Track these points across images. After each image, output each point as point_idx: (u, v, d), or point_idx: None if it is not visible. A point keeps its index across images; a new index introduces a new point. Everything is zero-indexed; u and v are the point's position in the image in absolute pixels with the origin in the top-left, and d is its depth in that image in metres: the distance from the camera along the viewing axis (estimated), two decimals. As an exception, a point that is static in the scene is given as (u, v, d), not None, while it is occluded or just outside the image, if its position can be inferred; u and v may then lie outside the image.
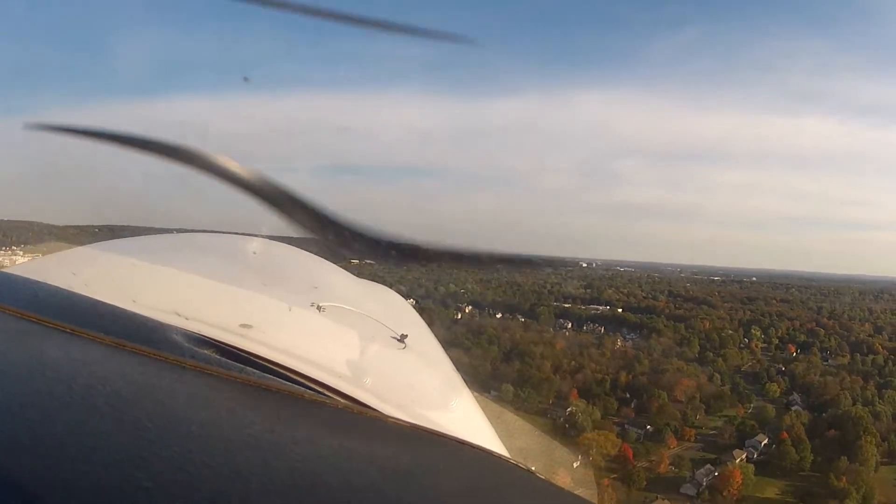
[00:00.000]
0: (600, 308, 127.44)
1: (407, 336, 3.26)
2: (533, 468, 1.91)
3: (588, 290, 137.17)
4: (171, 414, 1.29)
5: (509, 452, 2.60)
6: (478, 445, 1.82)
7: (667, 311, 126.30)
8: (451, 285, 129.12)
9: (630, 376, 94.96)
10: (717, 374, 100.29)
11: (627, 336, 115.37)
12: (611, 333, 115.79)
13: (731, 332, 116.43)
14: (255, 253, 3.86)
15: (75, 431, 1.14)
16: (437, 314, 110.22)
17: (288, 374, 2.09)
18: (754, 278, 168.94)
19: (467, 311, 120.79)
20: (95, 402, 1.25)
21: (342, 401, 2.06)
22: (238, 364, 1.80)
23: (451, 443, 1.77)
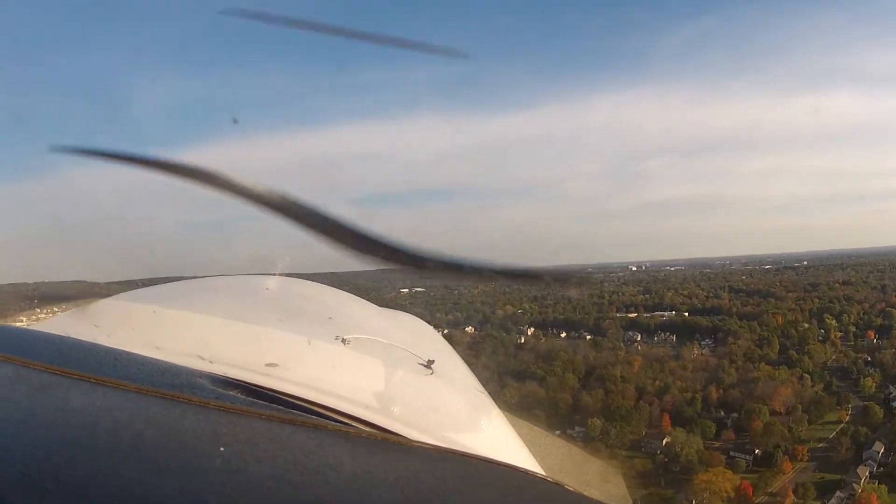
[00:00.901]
0: (665, 314, 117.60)
1: (434, 362, 3.20)
2: (564, 482, 1.89)
3: (648, 296, 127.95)
4: (194, 452, 1.29)
5: (544, 470, 2.66)
6: (503, 462, 1.79)
7: (734, 309, 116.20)
8: (508, 307, 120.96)
9: (720, 390, 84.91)
10: (806, 375, 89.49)
11: (702, 342, 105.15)
12: (684, 341, 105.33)
13: (805, 325, 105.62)
14: (272, 291, 3.81)
15: (100, 474, 1.13)
16: (501, 340, 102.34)
17: (312, 407, 2.10)
18: (805, 262, 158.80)
19: (530, 333, 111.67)
20: (119, 444, 1.24)
21: (366, 429, 2.06)
22: (263, 402, 1.82)
23: (477, 462, 1.75)
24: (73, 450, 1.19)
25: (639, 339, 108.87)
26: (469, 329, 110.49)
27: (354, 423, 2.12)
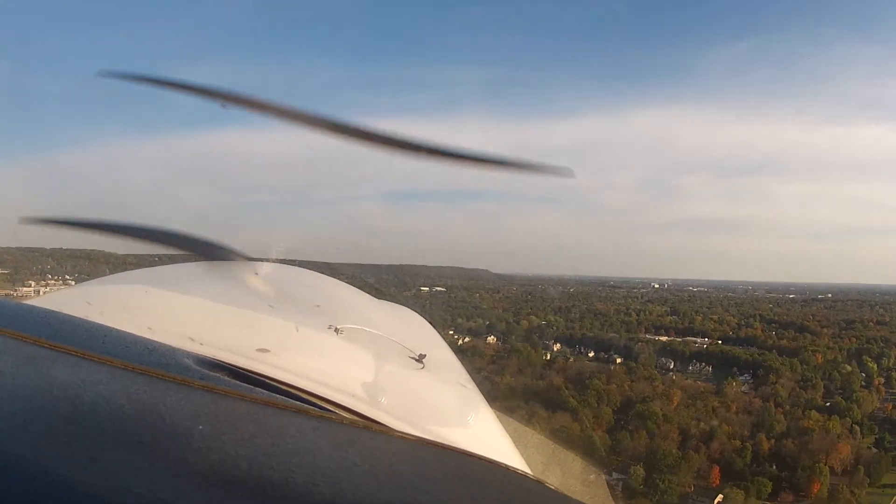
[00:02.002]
0: (698, 341, 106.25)
1: (425, 356, 3.16)
2: (548, 482, 1.80)
3: (676, 318, 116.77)
4: (173, 429, 1.26)
5: (530, 469, 2.64)
6: (484, 457, 1.69)
7: (770, 341, 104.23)
8: (533, 317, 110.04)
9: (771, 440, 72.63)
10: (855, 427, 77.59)
11: (740, 376, 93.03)
12: (721, 374, 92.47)
13: (847, 367, 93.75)
14: (268, 277, 3.65)
15: (78, 446, 1.11)
16: (527, 356, 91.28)
17: (297, 392, 2.06)
18: (829, 294, 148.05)
19: (556, 348, 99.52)
20: (99, 418, 1.22)
21: (349, 416, 2.06)
22: (247, 385, 1.77)
23: (458, 455, 1.67)
24: (54, 421, 1.18)
25: (672, 366, 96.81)
26: (491, 339, 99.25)
27: (338, 411, 2.09)
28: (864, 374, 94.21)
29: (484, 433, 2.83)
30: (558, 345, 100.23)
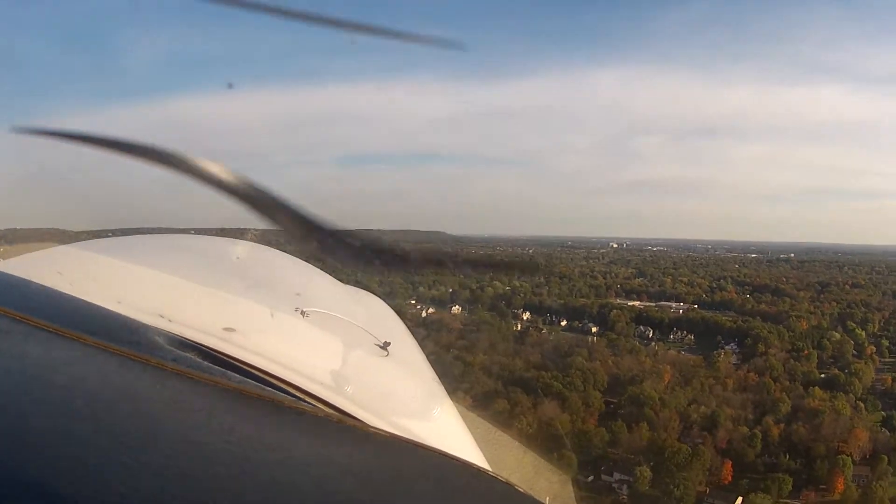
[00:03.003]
0: (672, 306, 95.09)
1: (390, 344, 3.12)
2: (512, 481, 1.80)
3: (643, 280, 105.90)
4: (148, 417, 1.22)
5: (490, 465, 2.61)
6: (457, 457, 1.73)
7: (748, 306, 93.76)
8: (497, 283, 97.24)
9: (779, 425, 61.83)
10: (859, 403, 67.94)
11: (726, 347, 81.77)
12: (706, 344, 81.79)
13: (836, 335, 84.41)
14: (238, 257, 3.68)
15: (50, 431, 1.07)
16: (497, 328, 78.51)
17: (269, 378, 2.07)
18: (792, 254, 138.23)
19: (526, 318, 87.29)
20: (74, 402, 1.18)
21: (322, 408, 2.04)
22: (219, 368, 1.76)
23: (431, 454, 1.70)
24: (28, 404, 1.13)
25: (651, 335, 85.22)
26: (456, 309, 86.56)
27: (311, 401, 2.06)
28: (852, 342, 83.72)
29: (448, 428, 2.81)
30: (527, 313, 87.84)
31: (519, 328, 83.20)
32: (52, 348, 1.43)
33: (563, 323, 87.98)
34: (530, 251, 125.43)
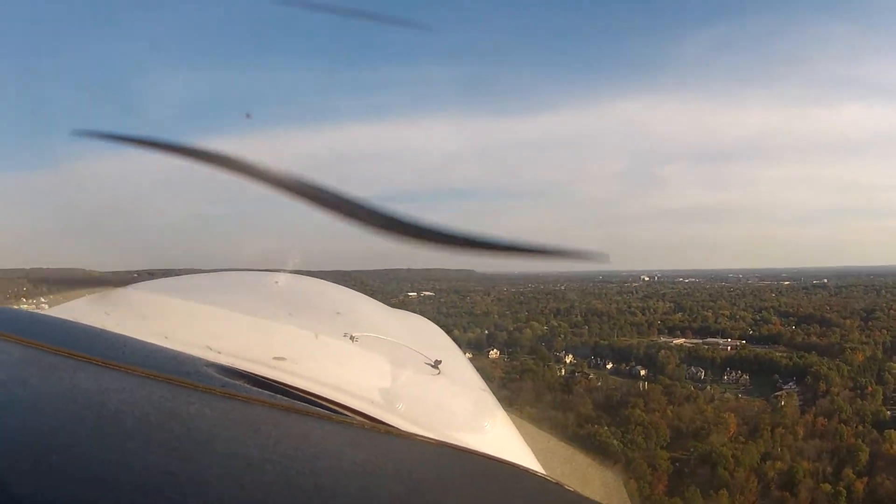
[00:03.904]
0: (720, 342, 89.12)
1: (441, 362, 3.09)
2: (564, 483, 1.80)
3: (683, 315, 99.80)
4: (198, 436, 1.24)
5: (547, 471, 2.57)
6: (503, 459, 1.71)
7: (797, 339, 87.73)
8: (535, 323, 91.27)
9: (862, 478, 54.69)
10: None
11: (785, 386, 75.21)
12: (762, 384, 75.75)
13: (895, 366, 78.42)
14: (284, 286, 3.69)
15: (104, 455, 1.09)
16: (541, 376, 72.03)
17: (316, 399, 2.04)
18: (825, 279, 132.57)
19: (568, 360, 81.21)
20: (124, 426, 1.20)
21: (367, 422, 2.00)
22: (268, 392, 1.76)
23: (479, 459, 1.67)
24: (79, 430, 1.15)
25: (703, 376, 78.94)
26: (494, 354, 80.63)
27: (357, 417, 2.03)
28: (909, 376, 77.26)
29: (501, 437, 2.75)
30: (570, 356, 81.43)
31: (563, 373, 76.96)
32: (101, 380, 1.43)
33: (610, 366, 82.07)
34: (562, 287, 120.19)
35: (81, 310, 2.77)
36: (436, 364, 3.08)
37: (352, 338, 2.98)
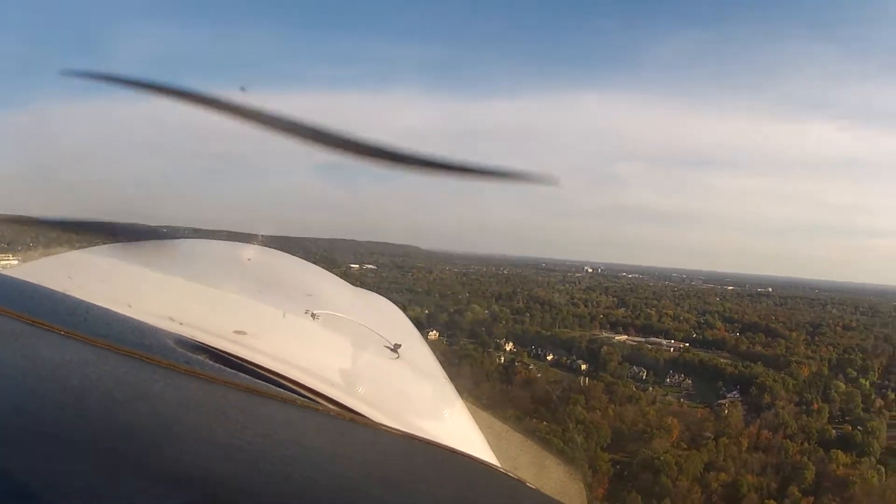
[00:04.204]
0: (663, 343, 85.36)
1: (400, 346, 3.08)
2: (522, 478, 1.81)
3: (626, 311, 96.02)
4: (161, 416, 1.21)
5: (500, 462, 2.55)
6: (468, 454, 1.71)
7: (742, 347, 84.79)
8: (475, 306, 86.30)
9: (808, 497, 50.95)
10: (880, 467, 58.77)
11: (729, 395, 71.75)
12: (705, 389, 72.10)
13: (842, 385, 74.72)
14: (249, 259, 3.62)
15: (66, 431, 1.06)
16: (480, 362, 67.16)
17: (280, 380, 2.03)
18: (770, 288, 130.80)
19: (508, 348, 76.51)
20: (87, 402, 1.18)
21: (333, 407, 2.01)
22: (230, 369, 1.75)
23: (442, 451, 1.67)
24: (42, 402, 1.12)
25: (644, 376, 74.98)
26: (434, 335, 75.23)
27: (321, 401, 2.03)
28: (859, 393, 74.86)
29: (458, 427, 2.73)
30: (510, 344, 76.54)
31: (503, 361, 72.03)
32: (64, 351, 1.40)
33: (550, 357, 77.59)
34: (504, 271, 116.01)
35: (44, 271, 2.72)
36: (395, 348, 3.01)
37: (313, 315, 2.90)
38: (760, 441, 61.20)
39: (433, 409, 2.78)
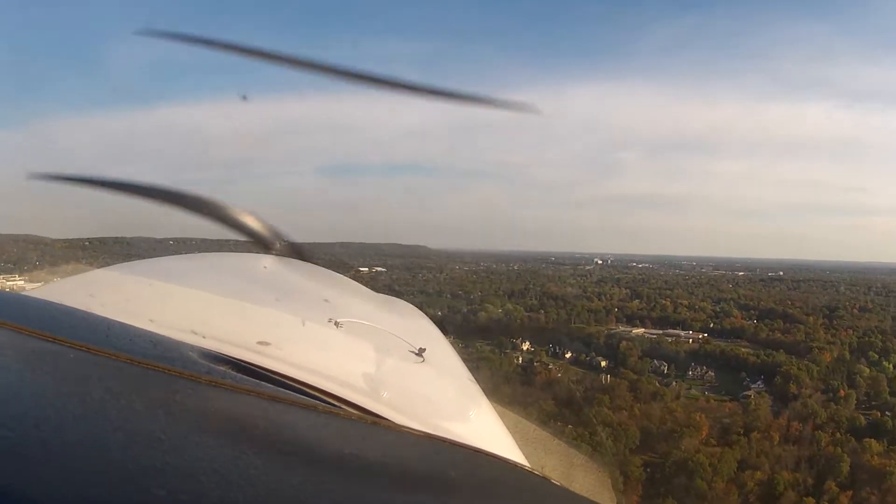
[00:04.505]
0: (681, 334, 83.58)
1: (425, 350, 3.01)
2: (549, 476, 1.81)
3: (642, 304, 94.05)
4: (184, 425, 1.22)
5: (528, 462, 2.55)
6: (493, 453, 1.71)
7: (761, 335, 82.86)
8: (489, 306, 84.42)
9: (846, 491, 50.25)
10: None
11: (753, 385, 70.19)
12: (729, 381, 71.09)
13: (866, 370, 72.33)
14: (269, 269, 3.68)
15: (89, 444, 1.06)
16: (499, 364, 65.47)
17: (303, 387, 2.02)
18: (781, 272, 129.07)
19: (525, 348, 74.58)
20: (109, 414, 1.18)
21: (355, 412, 1.98)
22: (253, 379, 1.75)
23: (467, 451, 1.66)
24: (64, 417, 1.13)
25: (666, 370, 73.20)
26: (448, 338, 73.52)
27: (345, 406, 2.00)
28: (884, 377, 72.61)
29: (486, 428, 2.71)
30: (527, 343, 74.75)
31: (521, 361, 70.35)
32: (85, 366, 1.41)
33: (569, 355, 75.77)
34: (515, 267, 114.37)
35: (64, 290, 2.71)
36: (420, 352, 3.01)
37: (336, 323, 2.91)
38: (791, 433, 59.51)
39: (459, 410, 2.73)
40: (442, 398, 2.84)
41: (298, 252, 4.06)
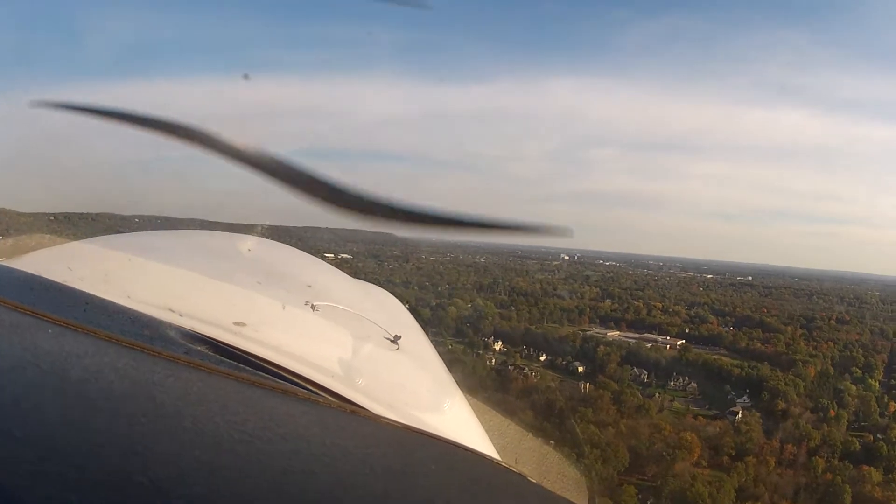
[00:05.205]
0: (658, 339, 78.31)
1: (400, 337, 3.05)
2: (524, 472, 1.77)
3: (614, 304, 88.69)
4: (163, 409, 1.20)
5: (500, 456, 2.54)
6: (469, 448, 1.70)
7: (740, 343, 78.42)
8: (459, 301, 78.24)
9: None
10: None
11: (739, 400, 65.17)
12: (713, 395, 66.15)
13: (853, 387, 67.99)
14: (249, 250, 3.60)
15: (67, 424, 1.05)
16: (471, 367, 58.99)
17: (281, 372, 2.02)
18: (749, 277, 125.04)
19: (498, 348, 69.47)
20: (88, 395, 1.16)
21: (334, 400, 1.98)
22: (231, 361, 1.75)
23: (443, 444, 1.65)
24: (43, 395, 1.11)
25: (646, 378, 67.79)
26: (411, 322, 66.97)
27: (322, 393, 2.00)
28: (872, 396, 68.45)
29: (460, 421, 2.70)
30: (499, 343, 68.55)
31: (493, 363, 64.45)
32: (64, 342, 1.38)
33: (543, 357, 69.93)
34: (481, 259, 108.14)
35: (43, 263, 2.67)
36: (395, 339, 2.99)
37: (312, 307, 2.88)
38: (785, 457, 54.98)
39: (433, 401, 2.71)
40: (417, 388, 2.80)
41: None
